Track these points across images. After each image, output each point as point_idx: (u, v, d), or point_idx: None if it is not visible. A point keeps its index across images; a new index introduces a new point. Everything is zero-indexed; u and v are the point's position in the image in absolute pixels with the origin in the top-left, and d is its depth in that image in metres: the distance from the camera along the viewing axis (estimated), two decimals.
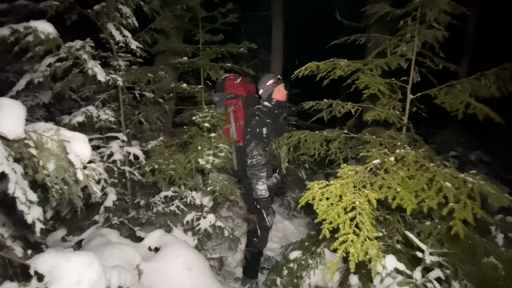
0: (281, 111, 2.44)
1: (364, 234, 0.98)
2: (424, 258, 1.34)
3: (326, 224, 1.03)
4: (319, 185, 1.14)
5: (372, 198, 1.07)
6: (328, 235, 1.01)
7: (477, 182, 1.16)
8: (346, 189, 1.11)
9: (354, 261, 0.94)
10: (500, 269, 1.45)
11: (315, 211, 1.08)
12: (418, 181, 1.20)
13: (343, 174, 1.20)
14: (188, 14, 2.95)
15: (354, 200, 1.06)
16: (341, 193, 1.10)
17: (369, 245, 0.96)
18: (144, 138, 3.13)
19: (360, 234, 0.98)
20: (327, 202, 1.08)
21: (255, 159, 2.22)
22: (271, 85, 2.41)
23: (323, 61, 1.63)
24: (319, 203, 1.08)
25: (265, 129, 2.27)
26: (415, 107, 1.75)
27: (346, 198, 1.07)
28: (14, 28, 1.47)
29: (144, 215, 2.56)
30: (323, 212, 1.06)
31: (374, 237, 0.99)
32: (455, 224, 1.03)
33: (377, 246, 0.97)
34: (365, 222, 1.00)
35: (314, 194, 1.11)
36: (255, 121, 2.28)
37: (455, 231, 1.03)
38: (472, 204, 1.08)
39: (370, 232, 0.98)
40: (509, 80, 1.48)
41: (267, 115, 2.31)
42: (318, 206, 1.08)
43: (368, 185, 1.15)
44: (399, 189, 1.15)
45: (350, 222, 1.01)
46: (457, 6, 1.54)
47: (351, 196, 1.07)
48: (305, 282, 1.99)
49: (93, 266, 1.12)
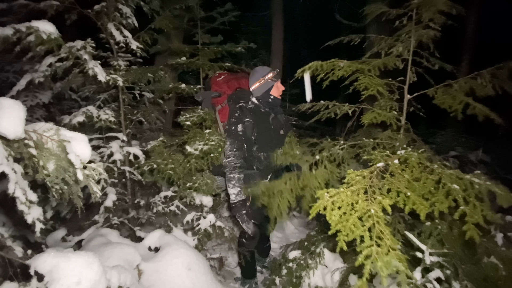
0: (268, 111, 2.20)
1: (387, 245, 0.92)
2: (424, 258, 1.33)
3: (342, 235, 0.97)
4: (329, 194, 1.08)
5: (386, 205, 1.01)
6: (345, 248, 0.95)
7: (484, 183, 1.13)
8: (357, 196, 1.06)
9: (384, 277, 0.88)
10: (501, 269, 1.45)
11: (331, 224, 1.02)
12: (424, 184, 1.16)
13: (350, 179, 1.15)
14: (187, 14, 2.96)
15: (368, 208, 1.00)
16: (352, 201, 1.04)
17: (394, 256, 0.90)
18: (144, 138, 3.14)
19: (381, 245, 0.92)
20: (339, 212, 1.02)
21: (227, 160, 2.05)
22: (271, 79, 2.17)
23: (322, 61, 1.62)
24: (331, 213, 1.02)
25: (240, 126, 2.07)
26: (413, 107, 1.75)
27: (359, 206, 1.01)
28: (16, 28, 1.47)
29: (144, 215, 2.56)
30: (336, 222, 1.00)
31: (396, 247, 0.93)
32: (469, 228, 0.99)
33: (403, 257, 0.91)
34: (384, 231, 0.94)
35: (325, 204, 1.04)
36: (233, 119, 2.10)
37: (469, 236, 0.99)
38: (481, 206, 1.06)
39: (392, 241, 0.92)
40: (505, 79, 1.48)
41: (249, 114, 2.11)
42: (331, 217, 1.02)
43: (377, 190, 1.11)
44: (409, 193, 1.10)
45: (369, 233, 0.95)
46: (453, 6, 1.54)
47: (363, 204, 1.02)
48: (304, 282, 1.99)
49: (93, 266, 1.12)
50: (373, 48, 1.78)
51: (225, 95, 2.32)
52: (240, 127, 2.08)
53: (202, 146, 2.05)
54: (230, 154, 2.06)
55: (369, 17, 1.81)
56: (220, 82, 2.35)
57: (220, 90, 2.34)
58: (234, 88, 2.31)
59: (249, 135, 2.11)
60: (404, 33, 1.65)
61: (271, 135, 2.19)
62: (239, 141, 2.09)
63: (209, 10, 3.03)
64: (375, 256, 0.90)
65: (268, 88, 2.18)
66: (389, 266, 0.89)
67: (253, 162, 2.18)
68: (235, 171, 2.05)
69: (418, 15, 1.60)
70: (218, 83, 2.36)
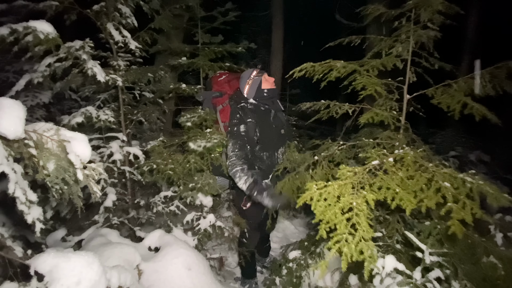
0: (268, 108, 2.20)
1: (359, 235, 0.97)
2: (424, 258, 1.34)
3: (323, 224, 1.03)
4: (317, 186, 1.13)
5: (370, 199, 1.06)
6: (325, 235, 1.01)
7: (476, 182, 1.15)
8: (344, 190, 1.10)
9: (346, 260, 0.94)
10: (500, 269, 1.45)
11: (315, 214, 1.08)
12: (417, 182, 1.19)
13: (341, 175, 1.19)
14: (187, 13, 2.96)
15: (352, 201, 1.05)
16: (339, 194, 1.09)
17: (364, 245, 0.95)
18: (144, 138, 3.14)
19: (355, 235, 0.98)
20: (325, 203, 1.07)
21: (230, 161, 2.05)
22: (257, 76, 2.19)
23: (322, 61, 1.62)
24: (317, 203, 1.08)
25: (243, 126, 2.07)
26: (412, 107, 1.75)
27: (344, 199, 1.06)
28: (13, 28, 1.46)
29: (144, 215, 2.56)
30: (321, 212, 1.05)
31: (372, 238, 0.98)
32: (453, 224, 1.02)
33: (372, 246, 0.96)
34: (361, 223, 0.99)
35: (312, 195, 1.10)
36: (235, 120, 2.11)
37: (452, 231, 1.02)
38: (471, 204, 1.08)
39: (366, 232, 0.97)
40: (504, 79, 1.48)
41: (251, 114, 2.11)
42: (316, 206, 1.07)
43: (367, 186, 1.14)
44: (398, 189, 1.14)
45: (346, 222, 1.01)
46: (450, 6, 1.54)
47: (349, 197, 1.07)
48: (304, 282, 1.99)
49: (93, 266, 1.12)
50: (374, 49, 1.78)
51: (227, 95, 2.31)
52: (242, 127, 2.07)
53: (205, 143, 2.04)
54: (232, 155, 2.05)
55: (368, 18, 1.81)
56: (221, 82, 2.35)
57: (221, 90, 2.33)
58: (235, 88, 2.31)
59: (252, 135, 2.10)
60: (403, 34, 1.65)
61: (273, 135, 2.19)
62: (242, 141, 2.08)
63: (210, 9, 3.03)
64: (344, 242, 0.96)
65: (258, 85, 2.18)
66: (356, 253, 0.94)
67: (256, 162, 2.17)
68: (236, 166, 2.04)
69: (416, 15, 1.60)
70: (219, 83, 2.36)
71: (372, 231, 0.99)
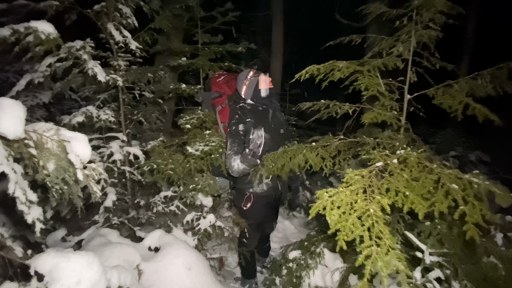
0: (266, 108, 2.19)
1: (386, 245, 0.92)
2: (424, 258, 1.34)
3: (342, 235, 0.97)
4: (328, 193, 1.08)
5: (385, 204, 1.02)
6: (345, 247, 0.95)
7: (483, 183, 1.13)
8: (356, 195, 1.06)
9: (385, 277, 0.88)
10: (500, 269, 1.45)
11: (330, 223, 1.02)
12: (423, 184, 1.17)
13: (349, 179, 1.15)
14: (187, 14, 2.96)
15: (367, 207, 1.00)
16: (352, 201, 1.04)
17: (394, 256, 0.90)
18: (144, 138, 3.13)
19: (381, 245, 0.92)
20: (338, 211, 1.02)
21: (227, 158, 2.06)
22: (253, 76, 2.18)
23: (322, 61, 1.62)
24: (331, 212, 1.03)
25: (242, 125, 2.08)
26: (413, 107, 1.75)
27: (359, 206, 1.02)
28: (14, 29, 1.46)
29: (144, 215, 2.56)
30: (336, 222, 1.00)
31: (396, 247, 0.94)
32: (469, 228, 0.99)
33: (402, 256, 0.91)
34: (383, 231, 0.94)
35: (324, 204, 1.05)
36: (234, 119, 2.11)
37: (470, 236, 0.99)
38: (480, 206, 1.06)
39: (391, 241, 0.92)
40: (505, 80, 1.48)
41: (250, 114, 2.12)
42: (330, 216, 1.02)
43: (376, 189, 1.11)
44: (408, 193, 1.11)
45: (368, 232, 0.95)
46: (453, 7, 1.54)
47: (362, 204, 1.02)
48: (304, 282, 1.99)
49: (93, 266, 1.12)
50: (374, 48, 1.78)
51: (225, 95, 2.31)
52: (241, 126, 2.08)
53: (202, 147, 2.05)
54: (231, 153, 2.06)
55: (369, 17, 1.80)
56: (220, 83, 2.35)
57: (220, 90, 2.33)
58: (234, 89, 2.31)
59: (250, 134, 2.10)
60: (404, 33, 1.65)
61: (272, 134, 2.19)
62: (239, 140, 2.08)
63: (209, 10, 3.03)
64: (375, 256, 0.90)
65: (255, 85, 2.18)
66: (389, 266, 0.89)
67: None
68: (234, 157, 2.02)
69: (418, 15, 1.60)
70: (218, 84, 2.36)
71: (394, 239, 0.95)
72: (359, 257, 0.92)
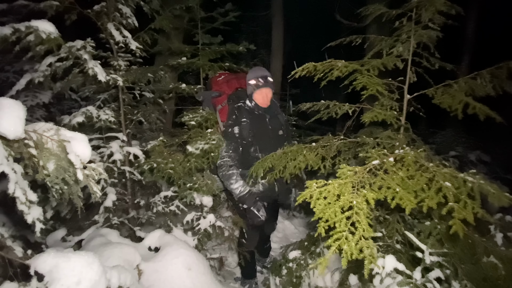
0: (262, 114, 2.18)
1: (359, 233, 0.96)
2: (424, 258, 1.34)
3: (323, 222, 1.02)
4: (317, 184, 1.13)
5: (370, 198, 1.06)
6: (323, 233, 1.00)
7: (477, 182, 1.15)
8: (345, 189, 1.10)
9: (346, 258, 0.93)
10: (500, 269, 1.45)
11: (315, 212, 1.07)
12: (417, 181, 1.19)
13: (342, 174, 1.18)
14: (187, 14, 2.96)
15: (351, 199, 1.05)
16: (339, 193, 1.08)
17: (364, 244, 0.95)
18: (144, 138, 3.13)
19: (355, 233, 0.97)
20: (324, 201, 1.07)
21: (222, 160, 2.06)
22: (252, 86, 2.12)
23: (322, 61, 1.62)
24: (317, 202, 1.07)
25: (237, 128, 2.08)
26: (412, 107, 1.75)
27: (344, 198, 1.06)
28: (15, 28, 1.47)
29: (144, 215, 2.56)
30: (320, 211, 1.05)
31: (372, 238, 0.97)
32: (455, 223, 1.02)
33: (372, 245, 0.95)
34: (361, 221, 0.98)
35: (311, 193, 1.10)
36: (230, 120, 2.11)
37: (454, 230, 1.02)
38: (472, 204, 1.07)
39: (366, 231, 0.97)
40: (504, 79, 1.48)
41: (246, 114, 2.10)
42: (316, 205, 1.07)
43: (367, 185, 1.14)
44: (398, 189, 1.14)
45: (346, 220, 1.00)
46: (453, 6, 1.54)
47: (349, 196, 1.06)
48: (304, 282, 1.99)
49: (93, 266, 1.13)
50: (374, 49, 1.78)
51: (225, 95, 2.32)
52: (236, 129, 2.09)
53: (203, 146, 2.05)
54: (225, 155, 2.07)
55: (369, 18, 1.81)
56: (220, 82, 2.35)
57: (220, 90, 2.34)
58: (234, 88, 2.31)
59: (246, 136, 2.10)
60: (403, 33, 1.65)
61: (269, 136, 2.19)
62: (235, 143, 2.09)
63: (209, 10, 3.04)
64: (343, 240, 0.95)
65: (250, 93, 2.15)
66: (356, 251, 0.93)
67: (252, 162, 2.16)
68: (231, 168, 2.05)
69: (417, 15, 1.61)
70: (218, 83, 2.36)
71: (372, 230, 0.98)
72: (330, 239, 0.97)
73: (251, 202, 2.04)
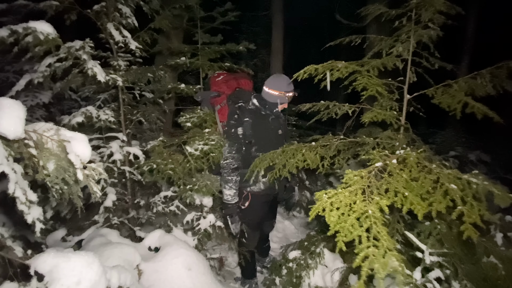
0: (269, 113, 2.20)
1: (384, 246, 0.92)
2: (424, 258, 1.34)
3: (341, 236, 0.97)
4: (327, 195, 1.09)
5: (383, 205, 1.02)
6: (344, 248, 0.95)
7: (482, 183, 1.14)
8: (355, 196, 1.06)
9: (381, 278, 0.88)
10: (500, 269, 1.45)
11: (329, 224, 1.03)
12: (422, 184, 1.17)
13: (348, 180, 1.16)
14: (187, 13, 2.96)
15: (366, 208, 1.01)
16: (351, 202, 1.05)
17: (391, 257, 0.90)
18: (144, 138, 3.13)
19: (379, 246, 0.92)
20: (337, 212, 1.03)
21: (225, 162, 2.08)
22: (289, 98, 2.16)
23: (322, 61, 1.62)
24: (330, 214, 1.03)
25: (241, 129, 2.09)
26: (412, 107, 1.76)
27: (357, 207, 1.02)
28: (13, 29, 1.46)
29: (144, 215, 2.56)
30: (335, 223, 1.00)
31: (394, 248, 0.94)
32: (466, 228, 1.00)
33: (399, 257, 0.91)
34: (381, 232, 0.94)
35: (323, 206, 1.05)
36: (232, 120, 2.12)
37: (467, 236, 0.99)
38: (478, 206, 1.06)
39: (389, 242, 0.93)
40: (505, 79, 1.48)
41: (248, 114, 2.12)
42: (329, 217, 1.02)
43: (375, 190, 1.12)
44: (407, 193, 1.11)
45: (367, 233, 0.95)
46: (452, 6, 1.54)
47: (361, 205, 1.03)
48: (304, 282, 1.99)
49: (93, 266, 1.13)
50: (374, 49, 1.78)
51: (224, 95, 2.32)
52: (240, 130, 2.10)
53: (202, 146, 2.06)
54: (228, 156, 2.09)
55: (368, 18, 1.81)
56: (219, 82, 2.35)
57: (219, 90, 2.34)
58: (233, 88, 2.31)
59: (249, 135, 2.11)
60: (403, 33, 1.65)
61: (270, 135, 2.20)
62: (239, 143, 2.10)
63: (209, 10, 3.03)
64: (372, 258, 0.91)
65: (283, 102, 2.18)
66: (385, 267, 0.89)
67: (252, 161, 2.18)
68: (233, 173, 2.09)
69: (417, 15, 1.61)
70: (217, 83, 2.36)
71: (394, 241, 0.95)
72: (357, 258, 0.93)
73: (229, 211, 2.15)
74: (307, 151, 1.66)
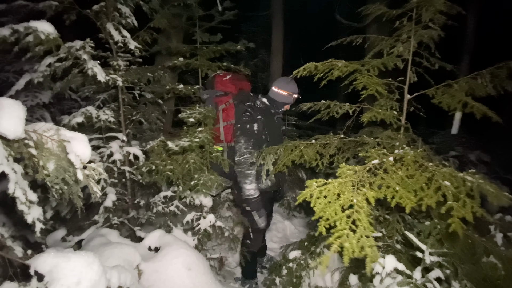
0: (275, 112, 2.32)
1: (360, 231, 0.96)
2: (424, 258, 1.34)
3: (323, 221, 1.02)
4: (317, 184, 1.13)
5: (370, 197, 1.06)
6: (324, 232, 1.00)
7: (477, 181, 1.15)
8: (345, 188, 1.10)
9: (348, 255, 0.92)
10: (500, 269, 1.45)
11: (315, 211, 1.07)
12: (417, 180, 1.19)
13: (342, 173, 1.19)
14: (185, 12, 2.96)
15: (352, 198, 1.04)
16: (339, 192, 1.08)
17: (365, 242, 0.94)
18: (144, 138, 3.13)
19: (356, 231, 0.97)
20: (324, 200, 1.06)
21: (243, 157, 2.10)
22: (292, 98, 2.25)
23: (322, 61, 1.63)
24: (317, 201, 1.07)
25: (256, 125, 2.14)
26: (413, 107, 1.76)
27: (344, 197, 1.06)
28: (14, 28, 1.46)
29: (144, 215, 2.56)
30: (320, 210, 1.04)
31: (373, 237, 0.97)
32: (454, 222, 1.02)
33: (373, 243, 0.95)
34: (362, 220, 0.98)
35: (312, 192, 1.09)
36: (246, 117, 2.16)
37: (453, 229, 1.02)
38: (471, 203, 1.08)
39: (367, 229, 0.96)
40: (505, 79, 1.49)
41: (260, 112, 2.20)
42: (316, 204, 1.06)
43: (367, 184, 1.14)
44: (398, 188, 1.14)
45: (346, 219, 1.00)
46: (453, 6, 1.54)
47: (349, 195, 1.06)
48: (304, 282, 1.99)
49: (93, 266, 1.12)
50: (375, 49, 1.79)
51: (231, 94, 2.35)
52: (255, 126, 2.14)
53: (182, 143, 2.02)
54: (245, 152, 2.10)
55: (369, 18, 1.81)
56: (226, 82, 2.38)
57: (226, 89, 2.37)
58: (238, 89, 2.36)
59: (262, 132, 2.17)
60: (404, 33, 1.65)
61: (277, 133, 2.30)
62: (255, 139, 2.14)
63: (208, 9, 3.03)
64: (345, 238, 0.94)
65: (289, 103, 2.27)
66: (357, 249, 0.93)
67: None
68: (252, 167, 2.11)
69: (418, 15, 1.61)
70: (224, 82, 2.38)
71: (373, 229, 0.98)
72: (331, 237, 0.96)
73: (255, 207, 2.15)
74: (305, 148, 1.67)
